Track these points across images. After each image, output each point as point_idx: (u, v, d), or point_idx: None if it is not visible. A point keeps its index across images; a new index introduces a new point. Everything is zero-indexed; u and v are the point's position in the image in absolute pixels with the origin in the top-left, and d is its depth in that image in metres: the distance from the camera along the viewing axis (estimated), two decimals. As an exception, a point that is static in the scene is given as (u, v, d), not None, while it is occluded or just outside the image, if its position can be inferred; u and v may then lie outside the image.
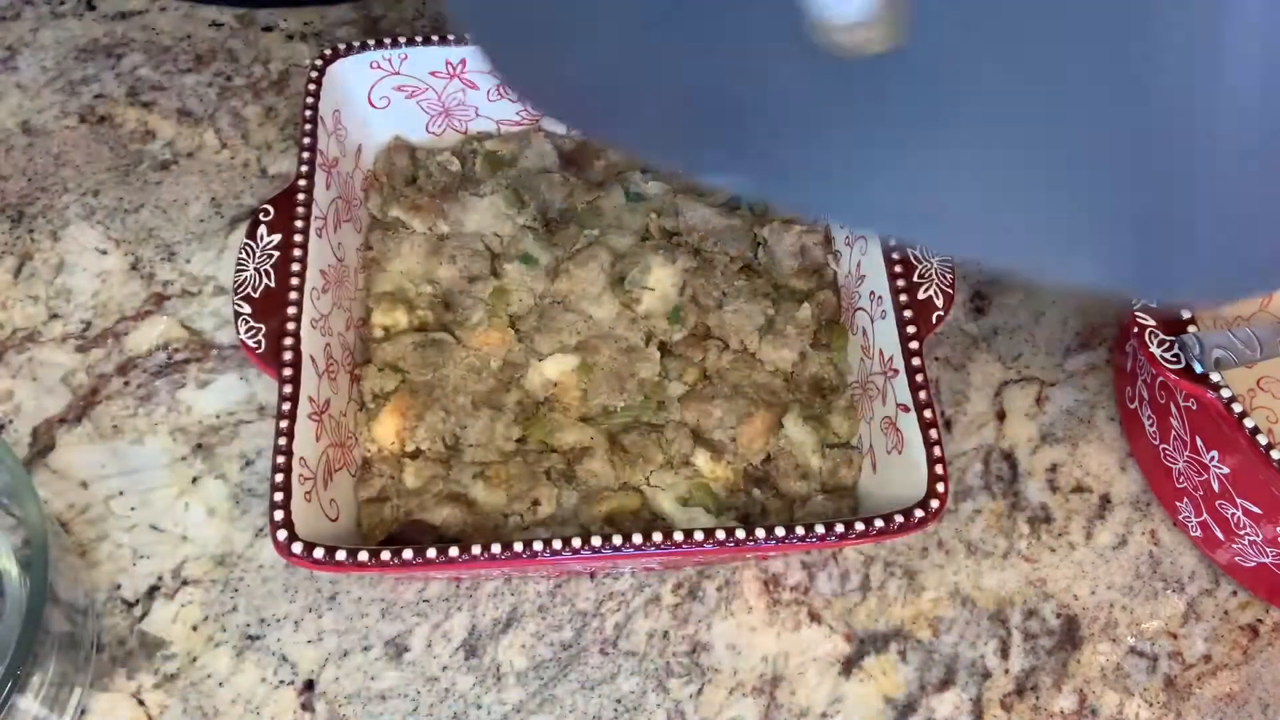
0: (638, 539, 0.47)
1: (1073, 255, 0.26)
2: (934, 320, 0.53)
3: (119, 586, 0.55)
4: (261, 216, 0.55)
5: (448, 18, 0.46)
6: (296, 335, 0.52)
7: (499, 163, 0.64)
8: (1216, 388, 0.50)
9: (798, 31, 0.22)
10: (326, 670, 0.53)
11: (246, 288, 0.54)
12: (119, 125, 0.69)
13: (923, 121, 0.24)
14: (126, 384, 0.60)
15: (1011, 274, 0.28)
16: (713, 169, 0.28)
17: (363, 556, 0.46)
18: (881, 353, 0.54)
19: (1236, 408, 0.50)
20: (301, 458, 0.49)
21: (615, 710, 0.53)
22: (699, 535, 0.47)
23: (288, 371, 0.51)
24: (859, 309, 0.57)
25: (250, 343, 0.52)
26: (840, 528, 0.47)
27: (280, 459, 0.48)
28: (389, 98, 0.62)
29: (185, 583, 0.55)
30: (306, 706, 0.52)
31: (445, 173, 0.63)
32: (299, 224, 0.54)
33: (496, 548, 0.47)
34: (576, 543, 0.47)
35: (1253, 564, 0.54)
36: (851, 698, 0.53)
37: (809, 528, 0.47)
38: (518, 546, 0.47)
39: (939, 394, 0.62)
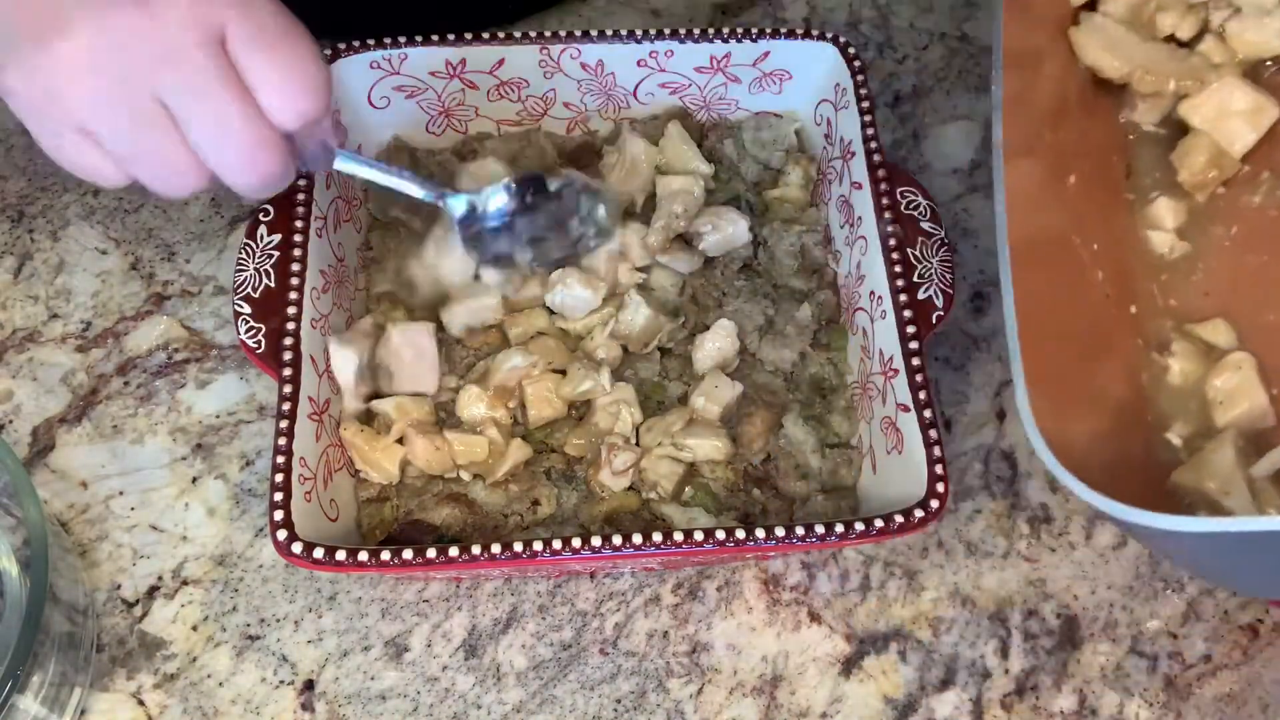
0: (638, 539, 0.47)
1: None
2: (934, 320, 0.53)
3: (119, 586, 0.55)
4: (261, 216, 0.55)
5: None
6: (296, 335, 0.52)
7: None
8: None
9: None
10: (326, 670, 0.53)
11: (246, 288, 0.54)
12: (119, 125, 0.69)
13: None
14: (126, 384, 0.60)
15: None
16: None
17: (363, 556, 0.47)
18: (881, 353, 0.54)
19: None
20: (301, 458, 0.49)
21: (615, 710, 0.53)
22: (699, 535, 0.47)
23: (288, 371, 0.51)
24: (859, 309, 0.57)
25: (250, 343, 0.52)
26: (840, 528, 0.47)
27: (280, 459, 0.48)
28: (389, 98, 0.62)
29: (185, 583, 0.55)
30: (306, 706, 0.52)
31: (445, 173, 0.63)
32: (299, 224, 0.54)
33: (496, 548, 0.47)
34: (576, 543, 0.47)
35: (1253, 564, 0.54)
36: (851, 698, 0.53)
37: (809, 528, 0.47)
38: (518, 546, 0.47)
39: (939, 394, 0.61)
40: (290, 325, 0.52)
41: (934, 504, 0.48)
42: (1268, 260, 0.49)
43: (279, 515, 0.47)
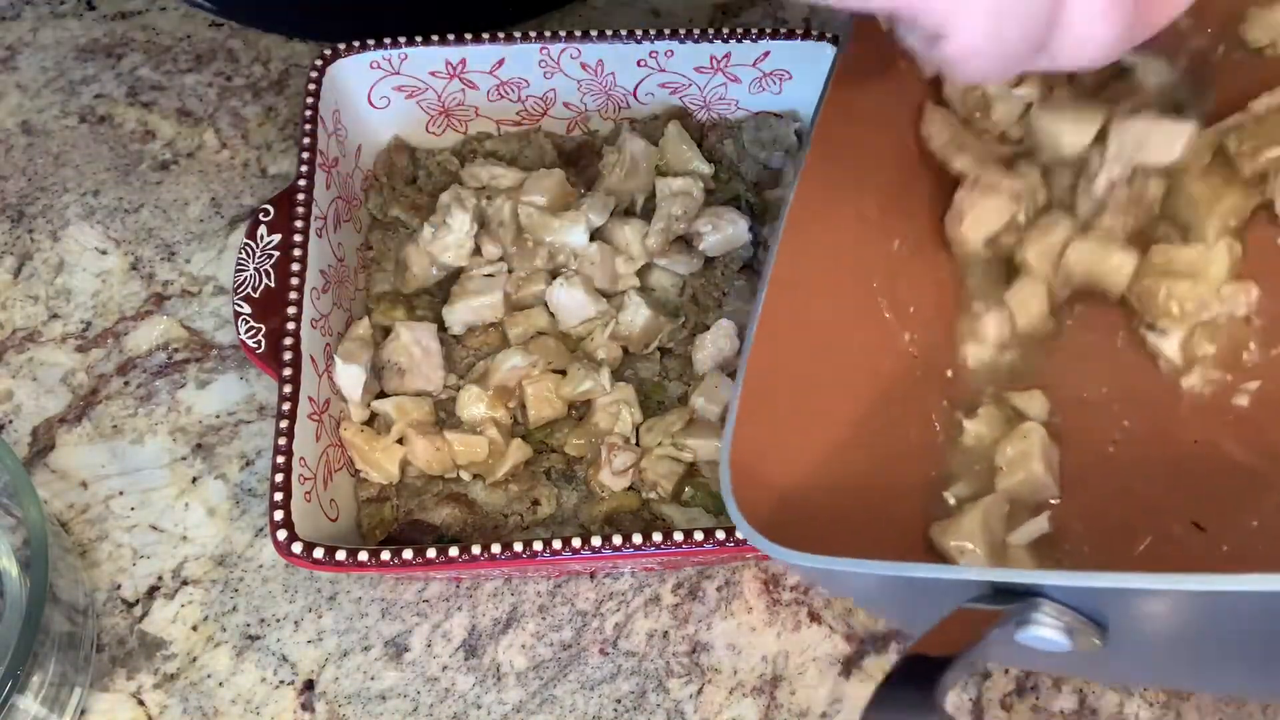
0: (638, 539, 0.47)
1: None
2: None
3: (119, 586, 0.55)
4: (261, 216, 0.55)
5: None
6: (296, 335, 0.52)
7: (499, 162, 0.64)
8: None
9: None
10: (326, 670, 0.53)
11: (246, 288, 0.54)
12: (119, 125, 0.69)
13: None
14: (126, 384, 0.60)
15: None
16: None
17: (363, 556, 0.47)
18: (881, 353, 0.54)
19: None
20: (301, 458, 0.49)
21: (615, 710, 0.53)
22: (699, 535, 0.47)
23: (288, 371, 0.51)
24: (859, 309, 0.57)
25: (250, 343, 0.52)
26: (840, 528, 0.47)
27: (280, 459, 0.48)
28: (389, 98, 0.62)
29: (185, 583, 0.55)
30: (306, 706, 0.52)
31: (445, 173, 0.63)
32: (299, 224, 0.54)
33: (496, 548, 0.47)
34: (576, 543, 0.47)
35: (1252, 564, 0.54)
36: (851, 698, 0.53)
37: (809, 528, 0.47)
38: (518, 546, 0.47)
39: (939, 394, 0.61)
40: (290, 325, 0.52)
41: (934, 504, 0.48)
42: (1095, 339, 0.48)
43: (279, 515, 0.47)
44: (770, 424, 0.41)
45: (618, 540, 0.47)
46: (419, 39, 0.60)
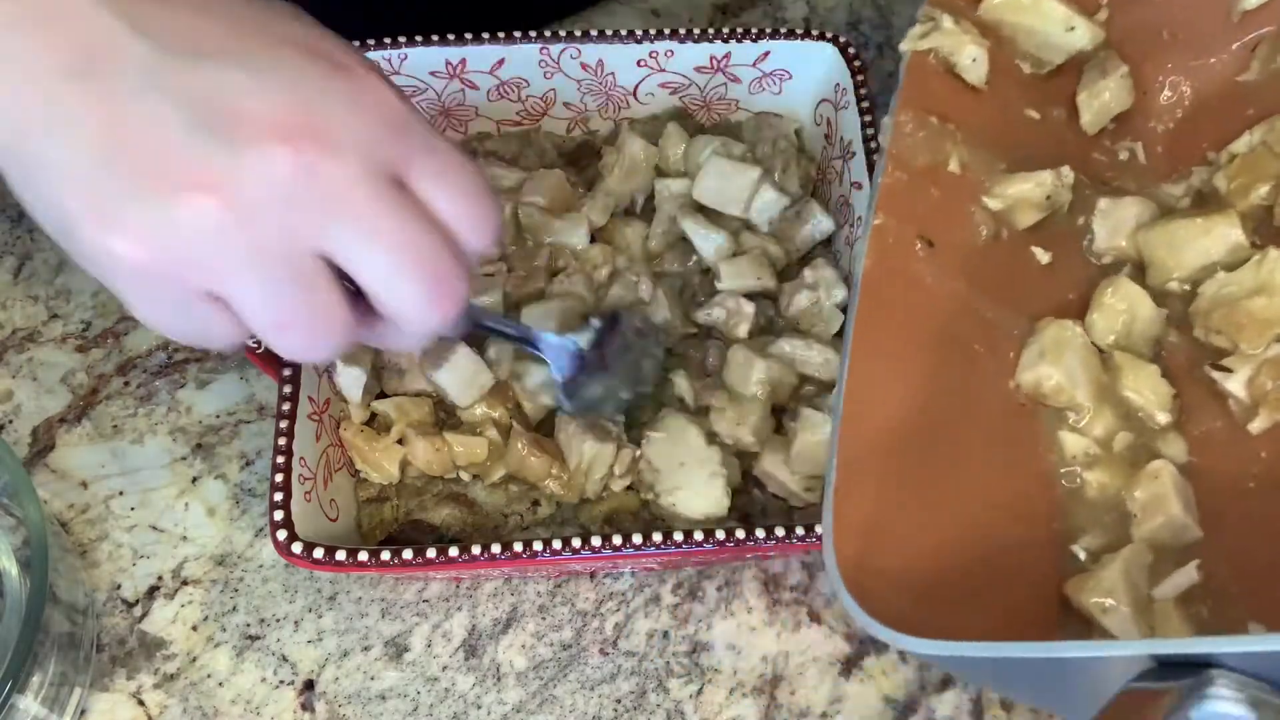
0: (638, 539, 0.47)
1: None
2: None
3: (119, 586, 0.55)
4: (261, 216, 0.55)
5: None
6: (296, 335, 0.52)
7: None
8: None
9: None
10: (326, 670, 0.53)
11: (246, 288, 0.54)
12: (119, 125, 0.69)
13: None
14: (126, 384, 0.60)
15: None
16: None
17: (363, 556, 0.47)
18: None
19: None
20: (301, 458, 0.49)
21: (615, 710, 0.53)
22: (699, 535, 0.47)
23: (288, 371, 0.51)
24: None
25: (250, 343, 0.52)
26: (840, 528, 0.47)
27: (280, 459, 0.48)
28: (389, 98, 0.62)
29: (185, 583, 0.55)
30: (306, 706, 0.52)
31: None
32: (299, 224, 0.54)
33: (496, 548, 0.47)
34: (576, 543, 0.47)
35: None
36: (851, 698, 0.53)
37: (809, 528, 0.47)
38: (518, 546, 0.47)
39: (939, 394, 0.61)
40: (290, 325, 0.52)
41: (934, 504, 0.48)
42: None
43: (279, 515, 0.47)
44: (872, 500, 0.38)
45: (618, 540, 0.47)
46: (419, 39, 0.60)
